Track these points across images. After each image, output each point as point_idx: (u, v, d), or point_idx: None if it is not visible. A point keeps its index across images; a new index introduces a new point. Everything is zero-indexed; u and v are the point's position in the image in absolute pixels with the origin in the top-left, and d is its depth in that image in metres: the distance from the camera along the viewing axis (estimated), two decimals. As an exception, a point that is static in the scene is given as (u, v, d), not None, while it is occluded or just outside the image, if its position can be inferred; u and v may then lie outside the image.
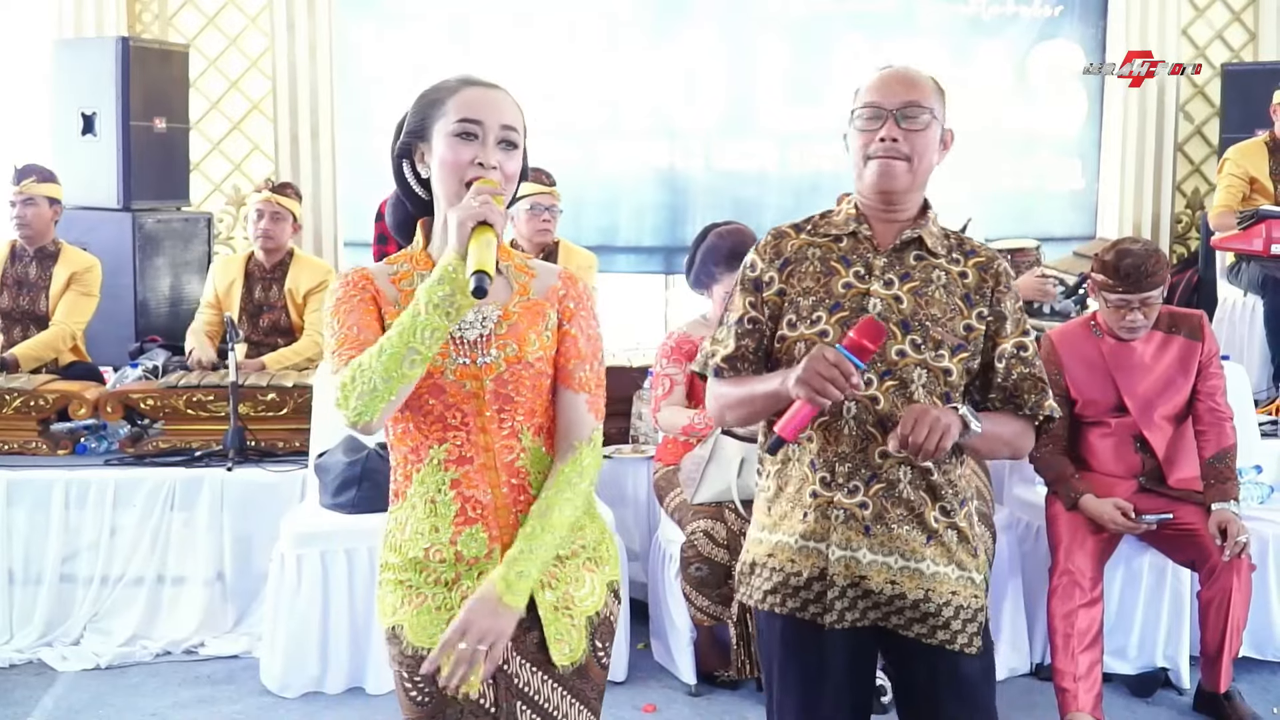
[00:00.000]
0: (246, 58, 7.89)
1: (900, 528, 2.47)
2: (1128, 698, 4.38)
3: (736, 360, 2.58)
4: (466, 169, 2.21)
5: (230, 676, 4.49)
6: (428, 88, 2.32)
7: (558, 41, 7.99)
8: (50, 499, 4.67)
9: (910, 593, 2.48)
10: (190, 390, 4.90)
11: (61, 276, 5.61)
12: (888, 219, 2.54)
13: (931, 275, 2.51)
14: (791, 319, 2.52)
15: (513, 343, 2.24)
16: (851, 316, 2.46)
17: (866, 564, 2.47)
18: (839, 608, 2.50)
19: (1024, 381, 2.52)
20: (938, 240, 2.54)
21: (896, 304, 2.47)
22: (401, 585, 2.26)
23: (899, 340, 2.45)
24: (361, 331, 2.20)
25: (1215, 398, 4.23)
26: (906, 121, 2.48)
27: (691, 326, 4.59)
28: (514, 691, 2.24)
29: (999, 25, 8.31)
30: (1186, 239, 8.49)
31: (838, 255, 2.54)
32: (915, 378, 2.44)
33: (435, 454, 2.23)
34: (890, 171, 2.48)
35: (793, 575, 2.52)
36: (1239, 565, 4.04)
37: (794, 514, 2.52)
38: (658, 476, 4.64)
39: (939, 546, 2.49)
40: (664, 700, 4.32)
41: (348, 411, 2.11)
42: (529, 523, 2.23)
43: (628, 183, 8.17)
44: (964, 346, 2.48)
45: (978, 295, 2.51)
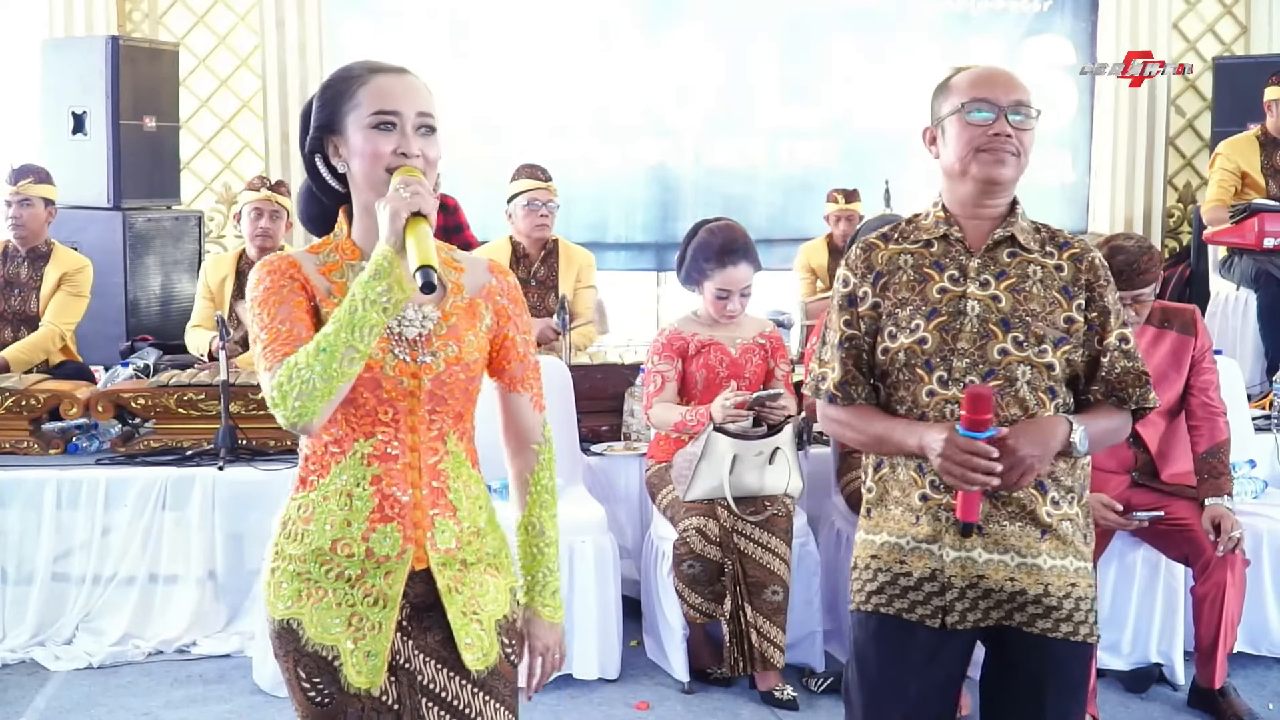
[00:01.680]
0: (236, 56, 7.89)
1: (1013, 524, 2.47)
2: (1122, 693, 4.37)
3: (848, 385, 2.58)
4: (388, 159, 2.17)
5: (222, 676, 4.48)
6: (331, 77, 2.28)
7: (549, 39, 8.00)
8: (42, 498, 4.64)
9: (1030, 588, 2.47)
10: (181, 389, 4.89)
11: (53, 277, 5.59)
12: (978, 217, 2.55)
13: (1027, 270, 2.51)
14: (891, 330, 2.52)
15: (453, 343, 2.22)
16: (949, 321, 2.47)
17: (983, 563, 2.47)
18: (959, 608, 2.48)
19: (1127, 375, 2.53)
20: (1030, 235, 2.55)
21: (994, 303, 2.48)
22: (299, 577, 2.20)
23: (1000, 339, 2.46)
24: (293, 326, 2.14)
25: (1208, 392, 4.22)
26: (1016, 119, 2.50)
27: (683, 323, 4.58)
28: (418, 688, 2.23)
29: (989, 21, 8.33)
30: (1178, 233, 8.50)
31: (930, 261, 2.54)
32: (1020, 375, 2.45)
33: (360, 448, 2.19)
34: (1003, 162, 2.49)
35: (901, 575, 2.51)
36: (1233, 560, 4.04)
37: (904, 517, 2.52)
38: (650, 474, 4.63)
39: (1054, 540, 2.48)
40: (657, 698, 4.32)
41: (286, 412, 2.06)
42: (530, 544, 2.38)
43: (619, 180, 8.18)
44: (1066, 339, 2.48)
45: (1075, 287, 2.51)
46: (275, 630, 2.22)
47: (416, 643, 2.23)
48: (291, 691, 2.23)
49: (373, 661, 2.18)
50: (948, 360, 2.47)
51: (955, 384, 2.45)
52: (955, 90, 2.56)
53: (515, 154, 6.70)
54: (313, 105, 2.27)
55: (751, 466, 4.26)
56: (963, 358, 2.46)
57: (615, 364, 5.41)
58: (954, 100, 2.55)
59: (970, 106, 2.51)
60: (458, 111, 7.59)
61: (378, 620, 2.19)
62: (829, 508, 4.79)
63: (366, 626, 2.19)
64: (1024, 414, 2.45)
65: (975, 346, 2.46)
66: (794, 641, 4.38)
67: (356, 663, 2.18)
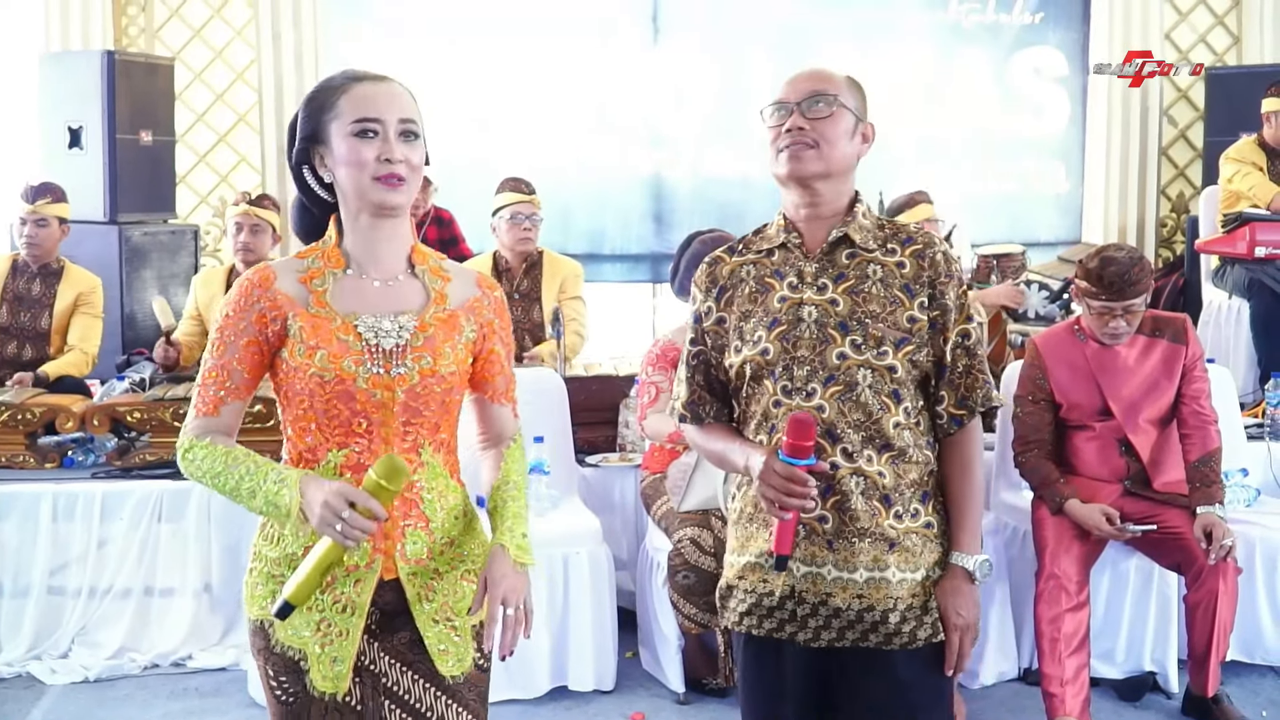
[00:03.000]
0: (232, 70, 7.90)
1: (862, 541, 2.41)
2: (1115, 702, 4.39)
3: (695, 405, 2.59)
4: (372, 166, 2.19)
5: (218, 689, 4.49)
6: (314, 89, 2.31)
7: (546, 50, 8.02)
8: (38, 512, 4.66)
9: (879, 604, 2.42)
10: (177, 403, 4.89)
11: (67, 296, 5.62)
12: (814, 218, 2.49)
13: (866, 271, 2.45)
14: (736, 344, 2.49)
15: (428, 355, 2.24)
16: (789, 330, 2.43)
17: (831, 580, 2.42)
18: (813, 625, 2.44)
19: (969, 375, 2.47)
20: (868, 234, 2.48)
21: (832, 307, 2.43)
22: (273, 579, 2.24)
23: (839, 343, 2.40)
24: (229, 377, 2.24)
25: (1200, 401, 4.24)
26: (811, 110, 2.45)
27: (677, 334, 4.60)
28: (381, 690, 2.26)
29: (980, 32, 8.35)
30: (1172, 242, 8.52)
31: (770, 270, 2.51)
32: (860, 379, 2.39)
33: (333, 458, 2.23)
34: (800, 157, 2.45)
35: (764, 596, 2.48)
36: (1225, 569, 4.05)
37: (759, 534, 2.48)
38: (644, 484, 4.64)
39: (902, 553, 2.43)
40: (652, 708, 4.33)
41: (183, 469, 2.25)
42: (498, 495, 2.37)
43: (615, 190, 8.19)
44: (908, 339, 2.42)
45: (917, 285, 2.44)
46: (251, 629, 2.29)
47: (383, 645, 2.27)
48: (264, 691, 2.30)
49: (338, 667, 2.23)
50: (789, 369, 2.42)
51: (798, 393, 2.40)
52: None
53: (511, 164, 6.72)
54: (298, 118, 2.29)
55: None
56: (803, 365, 2.41)
57: (610, 375, 5.43)
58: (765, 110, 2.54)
59: (767, 112, 2.51)
60: (455, 122, 7.61)
61: (345, 627, 2.23)
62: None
63: (334, 632, 2.23)
64: (867, 419, 2.39)
65: (815, 353, 2.41)
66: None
67: (323, 668, 2.23)
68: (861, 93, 2.54)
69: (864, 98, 2.54)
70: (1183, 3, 8.43)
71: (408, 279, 2.31)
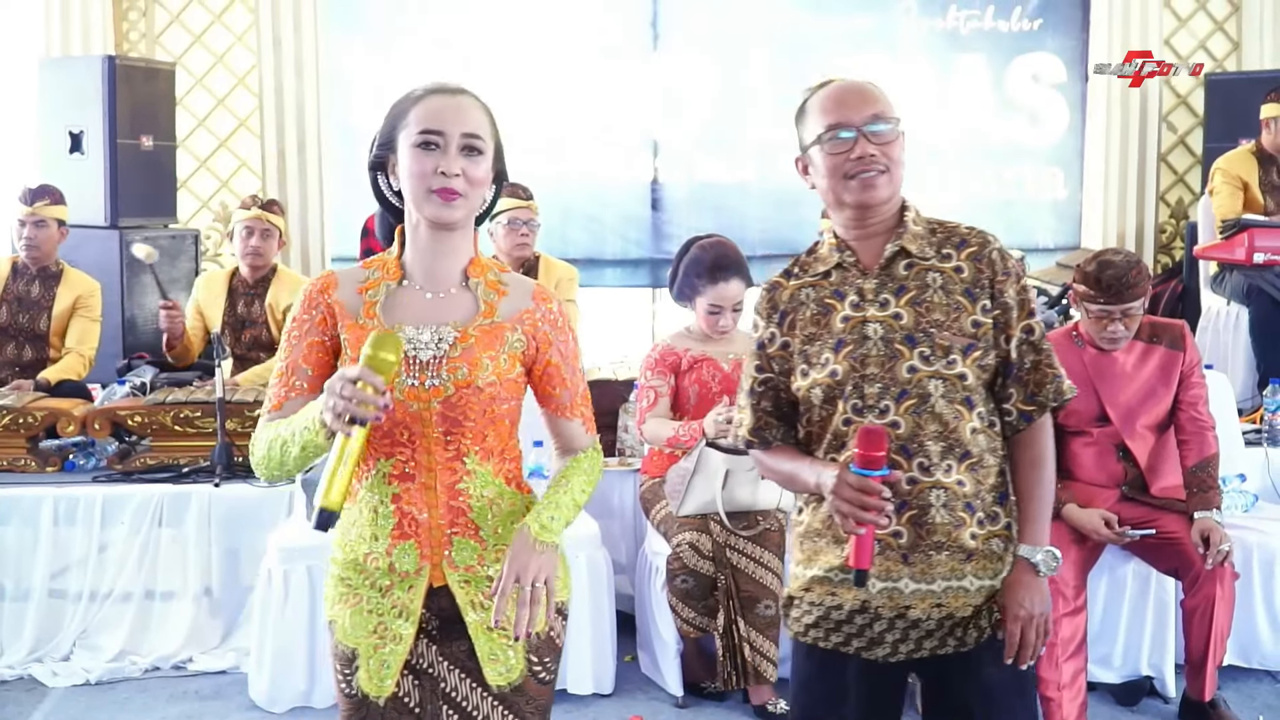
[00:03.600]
0: (233, 75, 7.92)
1: (940, 554, 2.41)
2: (1113, 706, 4.39)
3: (761, 430, 2.58)
4: (429, 179, 2.21)
5: (218, 692, 4.50)
6: (397, 99, 2.33)
7: (543, 56, 8.04)
8: (39, 515, 4.67)
9: (958, 611, 2.43)
10: (177, 407, 4.91)
11: (66, 299, 5.64)
12: (868, 235, 2.49)
13: (926, 280, 2.44)
14: (803, 368, 2.48)
15: (464, 366, 2.24)
16: (855, 349, 2.42)
17: (909, 594, 2.42)
18: (890, 640, 2.45)
19: (1036, 370, 2.47)
20: (923, 242, 2.48)
21: (896, 321, 2.42)
22: (342, 582, 2.31)
23: (908, 357, 2.40)
24: (295, 375, 2.27)
25: (1198, 407, 4.25)
26: (876, 132, 2.43)
27: (675, 339, 4.61)
28: (440, 695, 2.29)
29: (978, 39, 8.37)
30: (1170, 248, 8.53)
31: (830, 291, 2.49)
32: (933, 390, 2.39)
33: (381, 467, 2.27)
34: (874, 185, 2.43)
35: (833, 609, 2.48)
36: (1222, 573, 4.06)
37: (831, 548, 2.48)
38: (643, 489, 4.65)
39: (980, 562, 2.44)
40: (650, 712, 4.33)
41: (254, 466, 2.28)
42: (548, 488, 2.36)
43: (613, 196, 8.22)
44: (975, 345, 2.42)
45: (977, 288, 2.44)
46: (329, 627, 2.36)
47: (443, 650, 2.30)
48: (333, 682, 2.37)
49: (386, 670, 2.27)
50: (859, 388, 2.41)
51: (870, 410, 2.40)
52: (811, 116, 2.49)
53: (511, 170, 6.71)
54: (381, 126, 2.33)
55: (744, 481, 4.28)
56: (874, 383, 2.40)
57: (609, 380, 5.44)
58: (812, 128, 2.48)
59: (828, 135, 2.44)
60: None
61: (399, 631, 2.27)
62: (822, 522, 4.81)
63: (390, 636, 2.27)
64: (945, 430, 2.40)
65: (885, 370, 2.40)
66: (786, 655, 4.33)
67: (371, 669, 2.27)
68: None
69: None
70: (1182, 8, 8.44)
71: (460, 291, 2.31)
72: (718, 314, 4.45)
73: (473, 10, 8.00)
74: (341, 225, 7.86)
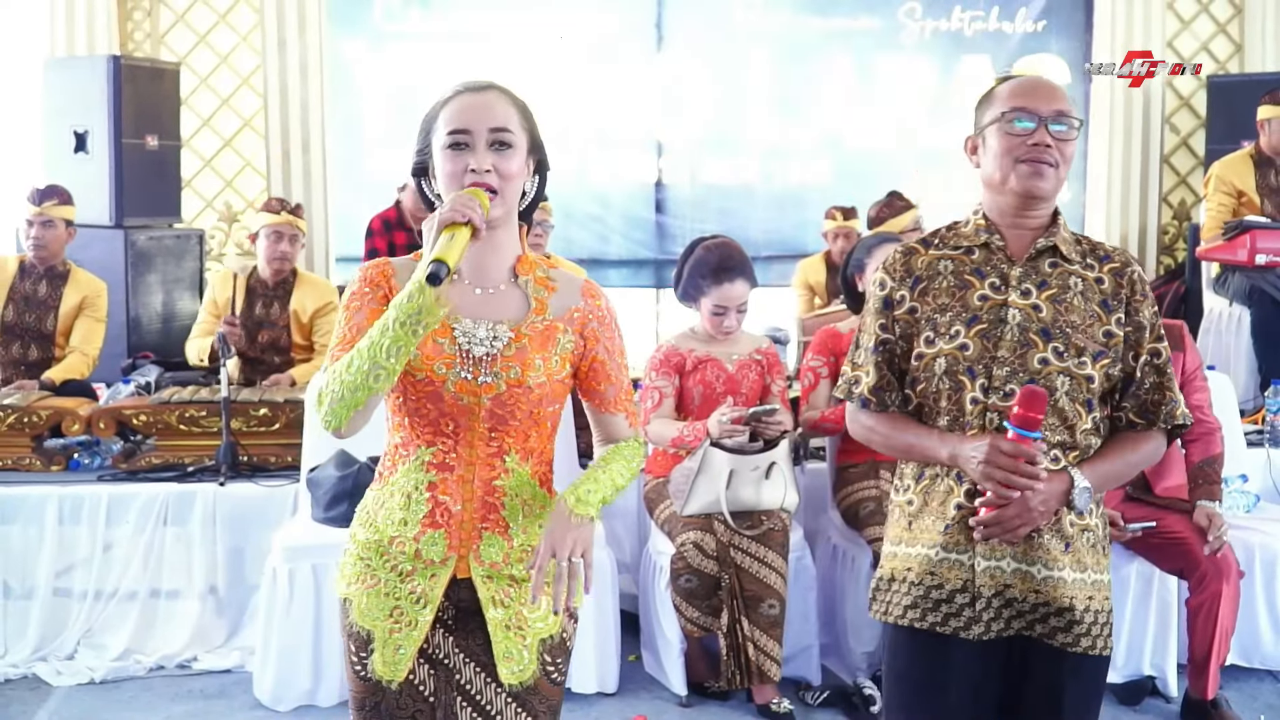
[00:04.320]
0: (238, 75, 7.94)
1: (1041, 536, 2.46)
2: (1115, 706, 4.39)
3: (882, 390, 2.58)
4: (462, 178, 2.22)
5: (223, 691, 4.50)
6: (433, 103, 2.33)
7: (547, 57, 8.06)
8: (44, 515, 4.68)
9: (1055, 600, 2.46)
10: (183, 406, 4.92)
11: (72, 299, 5.64)
12: (1020, 227, 2.53)
13: (1069, 282, 2.49)
14: (929, 335, 2.51)
15: (516, 366, 2.25)
16: (990, 329, 2.46)
17: (1011, 573, 2.46)
18: (985, 619, 2.48)
19: (1157, 391, 2.51)
20: (1071, 247, 2.53)
21: (1035, 313, 2.46)
22: (361, 561, 2.31)
23: (1041, 349, 2.44)
24: (358, 335, 2.21)
25: (1202, 410, 4.26)
26: (1057, 129, 2.47)
27: (680, 339, 4.62)
28: (454, 686, 2.30)
29: (982, 40, 8.39)
30: (1173, 250, 8.55)
31: (971, 268, 2.53)
32: (1059, 385, 2.43)
33: (421, 454, 2.27)
34: (1042, 174, 2.47)
35: (934, 589, 2.50)
36: (1228, 571, 4.07)
37: (935, 526, 2.51)
38: (648, 489, 4.66)
39: (1074, 553, 2.48)
40: (654, 711, 4.34)
41: (320, 415, 2.16)
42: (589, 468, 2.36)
43: (617, 197, 8.24)
44: (1105, 353, 2.46)
45: (1115, 301, 2.49)
46: (340, 605, 2.35)
47: (459, 642, 2.31)
48: (344, 664, 2.35)
49: (400, 655, 2.27)
50: (988, 368, 2.45)
51: (995, 392, 2.44)
52: (998, 99, 2.53)
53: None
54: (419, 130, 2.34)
55: (748, 481, 4.29)
56: (1003, 366, 2.44)
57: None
58: (995, 109, 2.52)
59: (1011, 115, 2.48)
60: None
61: (415, 617, 2.27)
62: (825, 522, 4.83)
63: (405, 621, 2.27)
64: (1063, 424, 2.45)
65: (1016, 355, 2.44)
66: (790, 655, 4.40)
67: (386, 653, 2.28)
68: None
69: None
70: (1185, 10, 8.46)
71: (510, 288, 2.32)
72: (722, 314, 4.45)
73: (477, 11, 8.03)
74: (345, 225, 7.88)
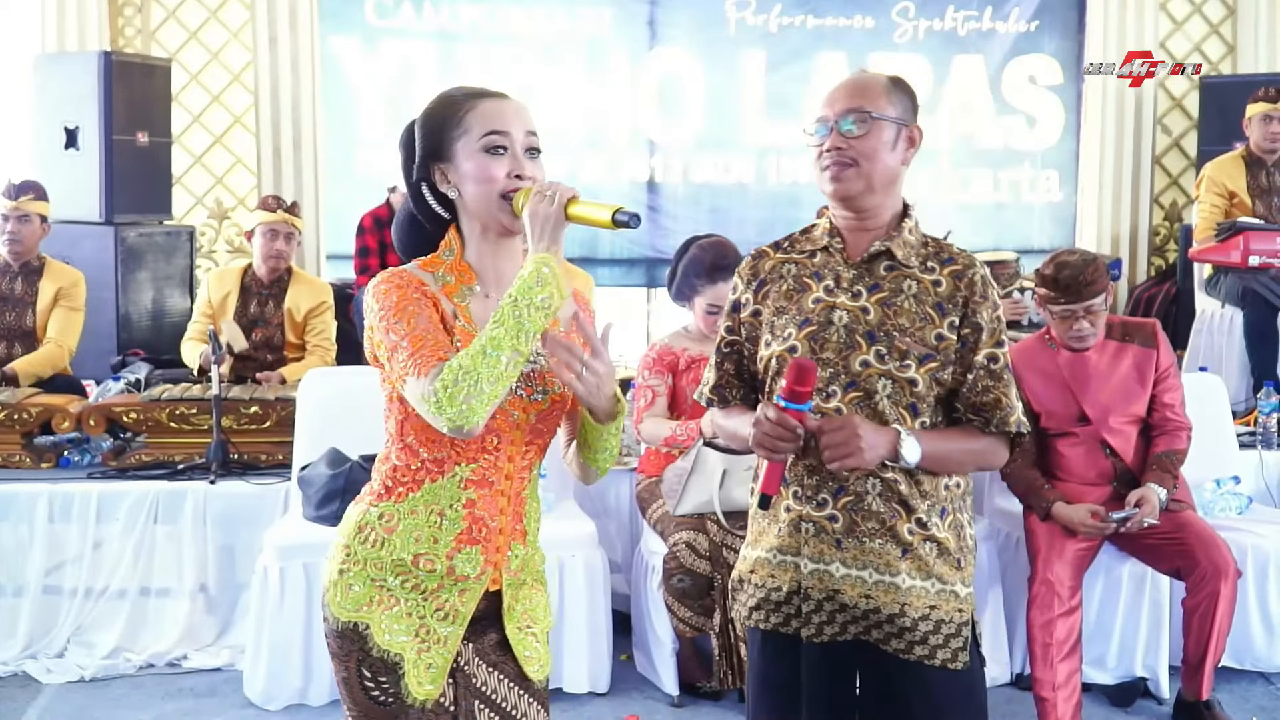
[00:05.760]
0: (229, 72, 7.92)
1: (872, 541, 2.45)
2: (1107, 707, 4.40)
3: (721, 389, 2.63)
4: (502, 183, 2.19)
5: (213, 689, 4.49)
6: (432, 105, 2.29)
7: (539, 55, 8.05)
8: (34, 512, 4.66)
9: (885, 607, 2.45)
10: (173, 404, 4.90)
11: (48, 292, 5.59)
12: (859, 229, 2.53)
13: (902, 285, 2.48)
14: (767, 338, 2.54)
15: (557, 381, 2.24)
16: (819, 331, 2.47)
17: (839, 578, 2.46)
18: (816, 621, 2.49)
19: (989, 395, 2.48)
20: (911, 250, 2.51)
21: (863, 315, 2.46)
22: (372, 583, 2.22)
23: (864, 351, 2.44)
24: (436, 333, 2.14)
25: (1174, 409, 4.28)
26: (848, 128, 2.46)
27: (673, 338, 4.61)
28: (473, 691, 2.27)
29: (975, 40, 8.39)
30: (1165, 250, 8.57)
31: (810, 271, 2.55)
32: (880, 388, 2.43)
33: (460, 471, 2.21)
34: (840, 177, 2.47)
35: (773, 591, 2.52)
36: (1226, 571, 4.08)
37: (771, 529, 2.54)
38: (640, 488, 4.66)
39: (914, 560, 2.46)
40: (646, 711, 4.33)
41: (453, 414, 2.04)
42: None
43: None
44: (933, 356, 2.44)
45: (950, 304, 2.47)
46: (338, 630, 2.23)
47: (475, 647, 2.28)
48: (348, 692, 2.24)
49: (433, 673, 2.22)
50: None
51: (819, 393, 2.43)
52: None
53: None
54: (415, 134, 2.28)
55: (741, 481, 4.28)
56: (827, 367, 2.44)
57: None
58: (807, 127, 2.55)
59: (809, 127, 2.52)
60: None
61: (444, 634, 2.23)
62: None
63: (433, 639, 2.22)
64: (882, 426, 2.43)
65: (840, 356, 2.45)
66: (783, 655, 4.39)
67: (418, 674, 2.21)
68: (906, 94, 2.54)
69: (909, 98, 2.55)
70: (1178, 11, 8.48)
71: None
72: (716, 314, 4.44)
73: (468, 10, 8.01)
74: (336, 223, 7.86)
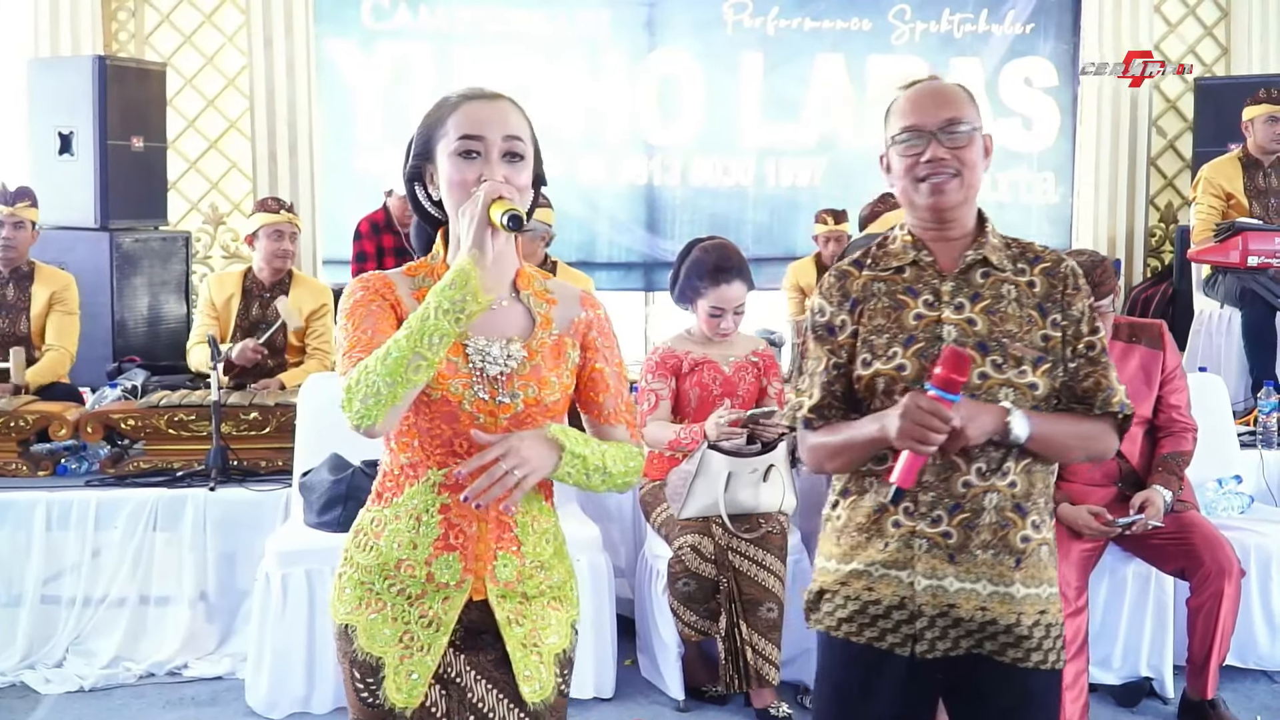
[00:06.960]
0: (224, 76, 7.90)
1: (985, 553, 2.41)
2: (1113, 708, 4.40)
3: (824, 409, 2.54)
4: (473, 188, 2.15)
5: (215, 698, 4.46)
6: (431, 106, 2.28)
7: (537, 58, 8.04)
8: (32, 520, 4.62)
9: (1002, 617, 2.42)
10: (172, 410, 4.87)
11: (41, 296, 5.56)
12: (945, 238, 2.50)
13: (1001, 291, 2.46)
14: (866, 357, 2.47)
15: (533, 384, 2.21)
16: (927, 347, 2.42)
17: (954, 592, 2.42)
18: (929, 637, 2.44)
19: (1089, 379, 2.46)
20: (1001, 254, 2.50)
21: (970, 327, 2.43)
22: (362, 586, 2.23)
23: (980, 363, 2.40)
24: (375, 335, 2.15)
25: (1180, 410, 4.28)
26: (949, 139, 2.44)
27: (676, 341, 4.59)
28: (467, 705, 2.25)
29: (971, 42, 8.41)
30: (1161, 252, 8.58)
31: (903, 287, 2.49)
32: (1002, 398, 2.39)
33: (433, 475, 2.21)
34: (943, 189, 2.44)
35: (870, 604, 2.47)
36: (1231, 570, 4.08)
37: (872, 543, 2.47)
38: (644, 492, 4.64)
39: (1028, 569, 2.43)
40: (652, 716, 4.32)
41: (351, 414, 2.07)
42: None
43: (607, 199, 8.22)
44: (1044, 358, 2.42)
45: (1049, 302, 2.46)
46: (336, 632, 2.27)
47: (470, 660, 2.25)
48: (347, 692, 2.28)
49: (414, 681, 2.21)
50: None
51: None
52: (893, 116, 2.51)
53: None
54: (414, 135, 2.28)
55: (746, 484, 4.27)
56: None
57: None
58: (892, 128, 2.51)
59: (901, 137, 2.47)
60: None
61: (428, 641, 2.22)
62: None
63: (416, 646, 2.21)
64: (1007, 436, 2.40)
65: None
66: (789, 658, 4.38)
67: (399, 680, 2.21)
68: (975, 101, 2.53)
69: (977, 105, 2.53)
70: (1172, 13, 8.50)
71: (512, 303, 2.28)
72: (719, 316, 4.43)
73: (465, 12, 8.00)
74: (333, 227, 7.84)
